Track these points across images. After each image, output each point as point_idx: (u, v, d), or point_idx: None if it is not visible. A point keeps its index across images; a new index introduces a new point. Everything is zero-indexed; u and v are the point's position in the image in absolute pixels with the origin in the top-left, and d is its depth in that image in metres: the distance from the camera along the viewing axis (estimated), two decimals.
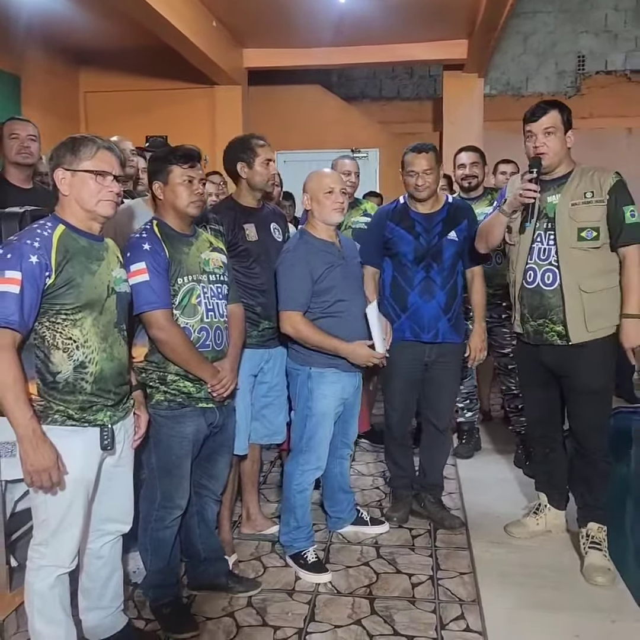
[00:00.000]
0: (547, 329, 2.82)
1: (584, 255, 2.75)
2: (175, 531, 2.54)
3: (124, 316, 2.18)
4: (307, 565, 2.92)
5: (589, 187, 2.74)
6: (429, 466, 3.44)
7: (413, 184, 3.10)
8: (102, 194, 2.05)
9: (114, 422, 2.12)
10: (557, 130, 2.75)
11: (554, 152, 2.76)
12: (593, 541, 2.86)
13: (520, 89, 8.17)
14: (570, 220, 2.74)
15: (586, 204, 2.73)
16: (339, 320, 2.85)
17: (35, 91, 5.49)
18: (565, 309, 2.76)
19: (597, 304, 2.75)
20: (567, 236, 2.75)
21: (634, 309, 2.71)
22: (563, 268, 2.76)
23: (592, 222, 2.73)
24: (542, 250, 2.82)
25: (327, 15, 5.06)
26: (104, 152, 2.07)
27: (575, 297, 2.75)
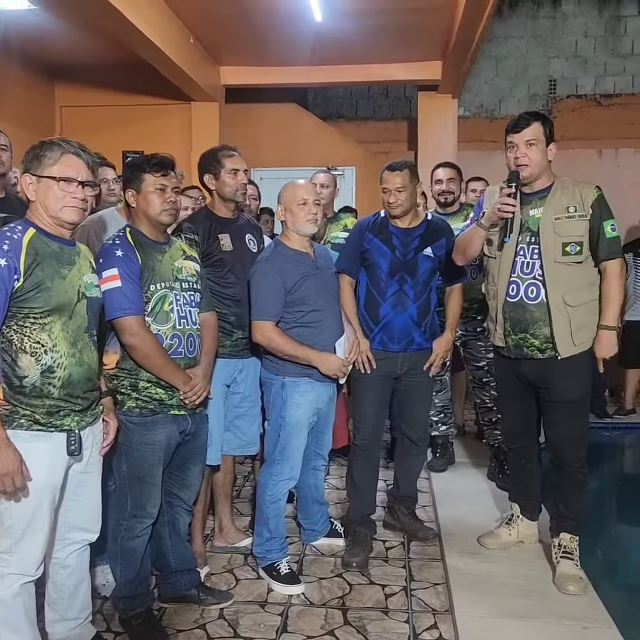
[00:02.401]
0: (527, 343, 2.83)
1: (568, 269, 2.77)
2: (145, 540, 2.50)
3: (95, 321, 2.17)
4: (280, 576, 2.89)
5: (572, 201, 2.76)
6: (402, 478, 3.43)
7: (386, 201, 3.13)
8: (66, 200, 2.02)
9: (82, 427, 2.10)
10: (539, 142, 2.76)
11: (535, 163, 2.76)
12: (565, 551, 2.88)
13: (493, 111, 8.31)
14: (555, 235, 2.75)
15: (569, 218, 2.75)
16: (314, 330, 2.86)
17: (10, 105, 5.45)
18: (552, 323, 2.76)
19: (581, 317, 2.77)
20: (551, 251, 2.76)
21: (611, 321, 2.75)
22: (548, 282, 2.77)
23: (576, 237, 2.74)
24: (525, 264, 2.82)
25: (303, 34, 5.13)
26: (69, 157, 2.04)
27: (562, 312, 2.76)
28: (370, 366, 3.14)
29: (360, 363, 3.14)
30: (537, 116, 2.80)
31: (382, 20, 4.85)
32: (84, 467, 2.16)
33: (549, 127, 2.79)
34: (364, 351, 3.13)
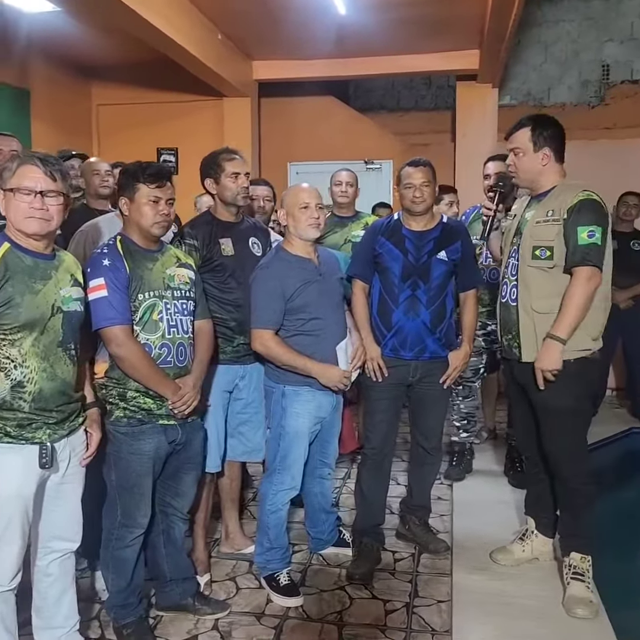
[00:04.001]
0: (514, 343, 2.78)
1: (538, 274, 2.67)
2: (137, 550, 2.49)
3: (73, 335, 2.14)
4: (279, 588, 2.85)
5: (553, 205, 2.66)
6: (416, 487, 3.34)
7: (410, 197, 3.02)
8: (26, 212, 2.00)
9: (55, 440, 2.08)
10: (524, 149, 2.68)
11: (522, 171, 2.71)
12: (575, 572, 2.73)
13: (542, 99, 8.00)
14: (530, 238, 2.69)
15: (545, 222, 2.66)
16: (315, 338, 2.78)
17: (46, 105, 5.55)
18: (520, 326, 2.72)
19: (548, 325, 2.63)
20: (525, 254, 2.70)
21: (558, 331, 2.58)
22: (520, 285, 2.73)
23: (545, 241, 2.64)
24: (513, 265, 2.78)
25: (329, 27, 5.01)
26: (25, 167, 2.01)
27: (528, 316, 2.70)
28: (381, 374, 3.05)
29: (371, 370, 3.05)
30: (527, 122, 2.70)
31: (409, 12, 4.72)
32: (61, 479, 2.15)
33: (540, 131, 2.66)
34: (374, 358, 3.04)
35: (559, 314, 2.58)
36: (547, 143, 2.66)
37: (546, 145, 2.66)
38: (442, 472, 4.16)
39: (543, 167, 2.69)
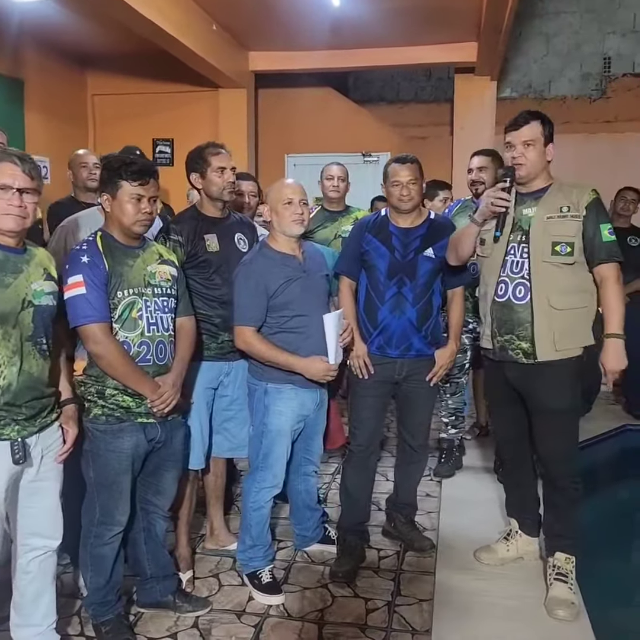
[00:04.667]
0: (512, 345, 2.71)
1: (556, 270, 2.65)
2: (115, 548, 2.48)
3: (43, 330, 2.14)
4: (261, 585, 2.84)
5: (565, 201, 2.64)
6: (402, 485, 3.33)
7: (397, 195, 2.99)
8: (3, 208, 1.99)
9: (25, 436, 2.08)
10: (537, 142, 2.65)
11: (532, 163, 2.66)
12: (559, 572, 2.72)
13: (542, 92, 7.95)
14: (545, 234, 2.64)
15: (562, 218, 2.64)
16: (298, 336, 2.76)
17: (40, 95, 5.52)
18: (534, 324, 2.66)
19: (567, 322, 2.64)
20: (540, 250, 2.65)
21: (615, 328, 2.60)
22: (534, 282, 2.66)
23: (566, 237, 2.62)
24: (515, 263, 2.71)
25: (324, 19, 4.97)
26: (4, 165, 2.00)
27: (545, 313, 2.65)
28: (367, 371, 3.03)
29: (357, 368, 3.04)
30: (536, 115, 2.68)
31: (404, 4, 4.67)
32: (35, 476, 2.15)
33: (548, 127, 2.67)
34: (360, 356, 3.02)
35: (608, 312, 2.61)
36: (552, 139, 2.67)
37: (551, 141, 2.67)
38: (432, 469, 4.16)
39: (547, 162, 2.69)
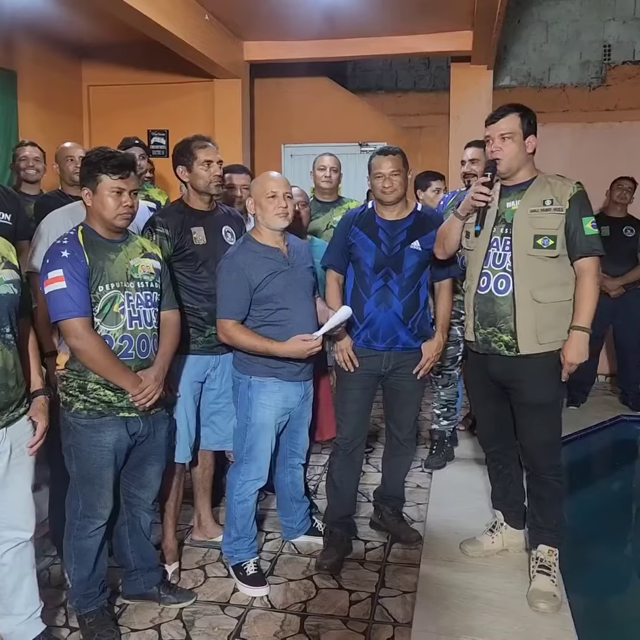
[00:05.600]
0: (495, 337, 2.72)
1: (539, 263, 2.64)
2: (99, 540, 2.50)
3: (6, 319, 2.14)
4: (246, 577, 2.86)
5: (549, 194, 2.63)
6: (389, 477, 3.34)
7: (380, 187, 2.99)
8: None
9: None
10: (515, 135, 2.64)
11: (510, 157, 2.66)
12: (542, 564, 2.74)
13: (542, 80, 7.86)
14: (528, 227, 2.64)
15: (545, 211, 2.63)
16: (281, 328, 2.76)
17: (34, 86, 5.50)
18: (516, 317, 2.66)
19: (550, 315, 2.64)
20: (523, 243, 2.65)
21: (583, 322, 2.59)
22: (517, 275, 2.66)
23: (549, 230, 2.62)
24: (497, 255, 2.71)
25: (317, 8, 4.91)
26: None
27: (528, 306, 2.65)
28: (352, 365, 3.04)
29: (342, 362, 3.04)
30: (515, 108, 2.67)
31: None
32: (6, 470, 2.16)
33: (528, 118, 2.65)
34: (344, 349, 3.03)
35: (579, 305, 2.59)
36: (533, 131, 2.65)
37: (532, 133, 2.65)
38: (424, 460, 4.18)
39: (528, 155, 2.67)
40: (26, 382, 2.28)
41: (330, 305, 3.05)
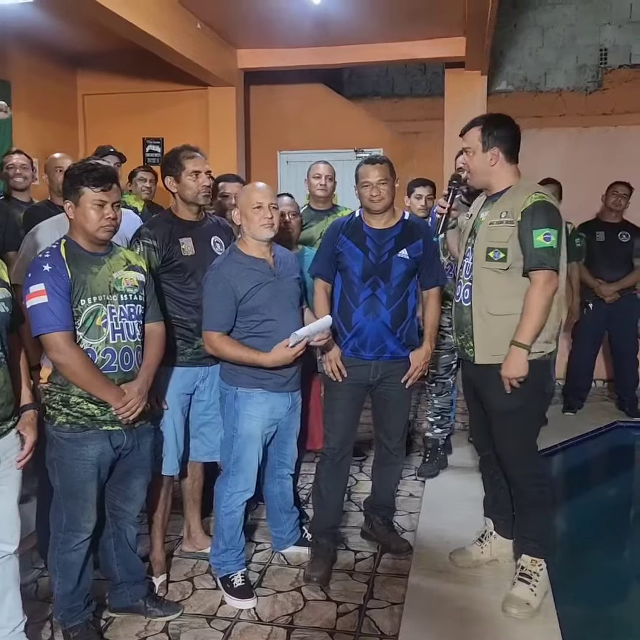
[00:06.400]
0: (466, 344, 2.77)
1: (493, 276, 2.65)
2: (83, 554, 2.49)
3: None
4: (233, 589, 2.85)
5: (507, 206, 2.63)
6: (379, 486, 3.33)
7: (367, 196, 2.99)
8: None
9: None
10: (475, 149, 2.67)
11: (473, 171, 2.71)
12: (522, 572, 2.73)
13: (538, 85, 7.86)
14: (484, 239, 2.67)
15: (499, 223, 2.64)
16: (267, 340, 2.75)
17: (28, 96, 5.51)
18: (473, 328, 2.71)
19: (502, 328, 2.62)
20: (479, 255, 2.69)
21: (522, 337, 2.56)
22: (474, 286, 2.71)
23: (499, 243, 2.62)
24: (467, 266, 2.76)
25: (308, 16, 4.90)
26: None
27: (482, 318, 2.68)
28: (340, 375, 3.03)
29: (330, 372, 3.04)
30: (479, 121, 2.69)
31: None
32: None
33: (490, 131, 2.64)
34: (332, 360, 3.02)
35: (521, 320, 2.56)
36: (497, 143, 2.63)
37: (495, 145, 2.63)
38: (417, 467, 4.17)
39: (492, 167, 2.66)
40: (16, 398, 2.28)
41: (318, 314, 3.05)
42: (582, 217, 5.62)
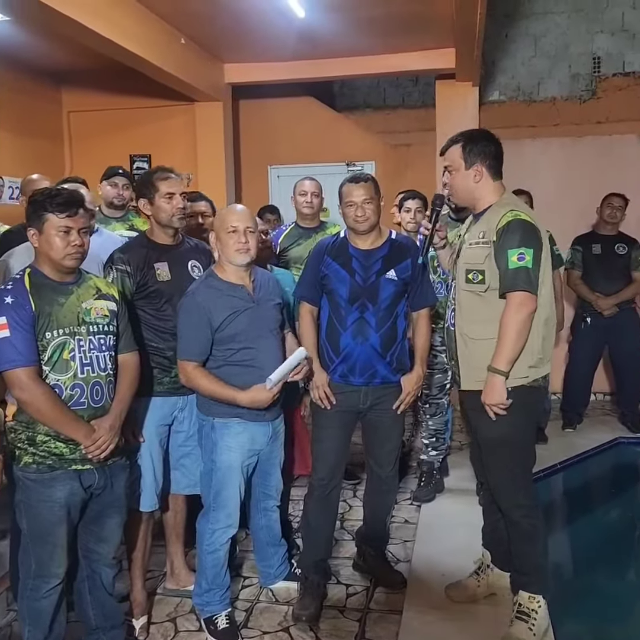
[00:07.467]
0: (455, 369, 2.67)
1: (472, 298, 2.54)
2: (54, 601, 2.35)
3: None
4: (217, 631, 2.71)
5: (484, 226, 2.52)
6: (370, 516, 3.19)
7: (352, 216, 2.87)
8: None
9: None
10: (457, 167, 2.56)
11: (455, 189, 2.62)
12: (520, 610, 2.59)
13: (531, 94, 7.77)
14: (464, 261, 2.57)
15: (476, 244, 2.53)
16: (244, 369, 2.63)
17: (12, 114, 5.42)
18: (458, 352, 2.60)
19: (483, 353, 2.49)
20: (460, 277, 2.59)
21: (498, 363, 2.43)
22: (457, 309, 2.60)
23: (476, 265, 2.52)
24: (453, 288, 2.67)
25: (294, 30, 4.82)
26: None
27: (464, 342, 2.58)
28: (329, 402, 2.90)
29: (317, 399, 2.91)
30: (460, 137, 2.57)
31: (374, 12, 4.54)
32: None
33: (471, 147, 2.52)
34: (319, 387, 2.89)
35: (497, 344, 2.43)
36: (479, 159, 2.52)
37: (477, 161, 2.52)
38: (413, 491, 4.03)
39: (476, 184, 2.55)
40: None
41: (303, 338, 2.93)
42: (577, 226, 5.53)
